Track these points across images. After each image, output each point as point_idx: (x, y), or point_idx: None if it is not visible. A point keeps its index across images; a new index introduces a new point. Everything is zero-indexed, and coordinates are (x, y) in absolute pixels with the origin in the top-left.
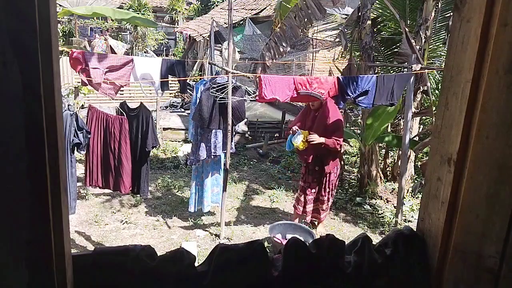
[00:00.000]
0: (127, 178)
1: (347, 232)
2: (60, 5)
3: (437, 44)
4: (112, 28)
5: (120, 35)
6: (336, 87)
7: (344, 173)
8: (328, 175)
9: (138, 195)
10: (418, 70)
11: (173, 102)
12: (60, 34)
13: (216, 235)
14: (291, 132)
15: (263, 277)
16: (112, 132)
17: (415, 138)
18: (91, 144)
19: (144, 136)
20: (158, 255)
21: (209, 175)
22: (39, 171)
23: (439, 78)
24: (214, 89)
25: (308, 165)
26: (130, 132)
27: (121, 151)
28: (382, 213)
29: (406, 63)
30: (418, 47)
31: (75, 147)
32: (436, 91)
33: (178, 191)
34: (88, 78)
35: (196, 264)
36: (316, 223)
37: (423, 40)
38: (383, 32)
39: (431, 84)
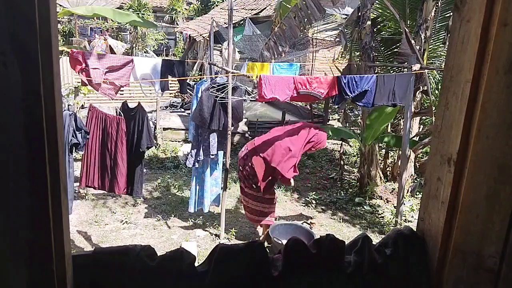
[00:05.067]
0: (121, 179)
1: (347, 232)
2: (60, 5)
3: (437, 44)
4: (112, 28)
5: (120, 35)
6: (336, 87)
7: (344, 173)
8: None
9: (134, 196)
10: (418, 70)
11: (173, 102)
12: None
13: (216, 235)
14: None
15: (263, 277)
16: (110, 133)
17: (415, 138)
18: (89, 144)
19: (139, 136)
20: (158, 255)
21: (209, 175)
22: (39, 171)
23: (439, 78)
24: (214, 89)
25: None
26: (127, 132)
27: (117, 152)
28: (382, 213)
29: (406, 63)
30: (418, 47)
31: (73, 147)
32: (436, 91)
33: (178, 191)
34: (88, 78)
35: (196, 264)
36: None
37: (423, 40)
38: (383, 32)
39: (431, 84)
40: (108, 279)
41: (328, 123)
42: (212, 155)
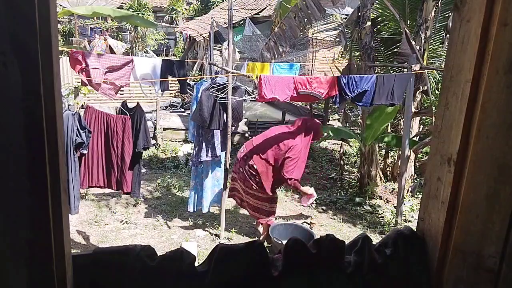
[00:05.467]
0: (129, 177)
1: (347, 232)
2: (60, 5)
3: (437, 44)
4: (112, 28)
5: (120, 35)
6: (336, 87)
7: (344, 173)
8: None
9: (132, 196)
10: (418, 70)
11: (173, 102)
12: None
13: (216, 235)
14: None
15: (263, 277)
16: (115, 131)
17: (415, 138)
18: (90, 145)
19: (136, 136)
20: (158, 255)
21: (209, 175)
22: (39, 172)
23: (439, 78)
24: (214, 89)
25: None
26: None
27: (124, 150)
28: (382, 213)
29: (406, 63)
30: (418, 47)
31: (79, 147)
32: (436, 91)
33: (178, 191)
34: (88, 78)
35: (196, 264)
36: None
37: (423, 40)
38: (383, 32)
39: (431, 84)
40: (108, 279)
41: (328, 123)
42: (217, 156)
